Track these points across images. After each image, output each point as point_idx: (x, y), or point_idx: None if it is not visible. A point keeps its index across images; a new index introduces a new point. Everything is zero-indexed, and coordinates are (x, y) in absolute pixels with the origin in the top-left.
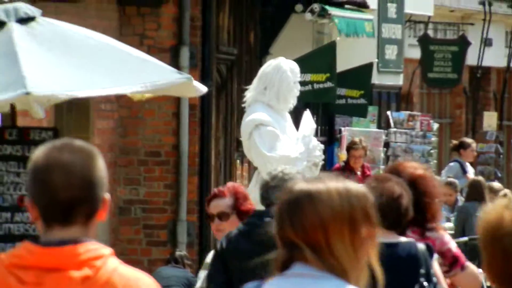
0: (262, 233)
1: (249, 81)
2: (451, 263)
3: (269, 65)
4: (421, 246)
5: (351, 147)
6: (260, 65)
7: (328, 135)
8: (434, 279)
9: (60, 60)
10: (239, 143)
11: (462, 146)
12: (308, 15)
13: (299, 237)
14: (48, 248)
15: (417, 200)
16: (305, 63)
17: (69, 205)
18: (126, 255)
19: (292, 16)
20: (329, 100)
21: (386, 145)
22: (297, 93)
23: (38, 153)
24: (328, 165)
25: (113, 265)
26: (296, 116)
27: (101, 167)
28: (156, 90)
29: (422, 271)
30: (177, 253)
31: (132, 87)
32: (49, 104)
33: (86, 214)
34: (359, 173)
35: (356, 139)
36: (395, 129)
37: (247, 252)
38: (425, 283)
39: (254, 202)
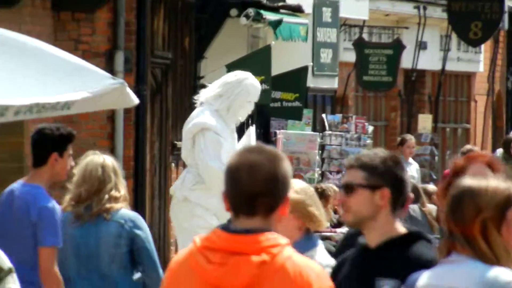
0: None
1: (183, 85)
2: None
3: (234, 75)
4: None
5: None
6: (195, 69)
7: (264, 138)
8: None
9: None
10: (174, 147)
11: (401, 142)
12: (243, 20)
13: (457, 228)
14: (234, 235)
15: None
16: (239, 66)
17: (252, 198)
18: None
19: (227, 21)
20: (263, 102)
21: (322, 147)
22: (249, 112)
23: (233, 154)
24: None
25: (288, 253)
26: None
27: (285, 168)
28: (90, 101)
29: None
30: None
31: (66, 95)
32: None
33: (267, 207)
34: None
35: None
36: (330, 132)
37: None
38: None
39: (179, 199)
